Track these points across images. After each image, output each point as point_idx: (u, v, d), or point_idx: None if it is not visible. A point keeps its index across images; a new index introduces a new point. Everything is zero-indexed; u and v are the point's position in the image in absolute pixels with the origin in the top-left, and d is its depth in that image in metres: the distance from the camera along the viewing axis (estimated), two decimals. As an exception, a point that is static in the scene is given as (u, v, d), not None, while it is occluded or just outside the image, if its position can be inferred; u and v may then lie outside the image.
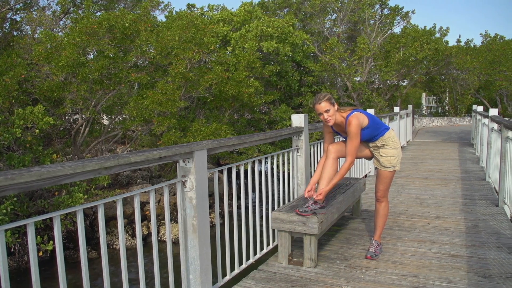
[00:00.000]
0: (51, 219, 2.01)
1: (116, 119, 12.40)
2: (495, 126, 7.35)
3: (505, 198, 5.63)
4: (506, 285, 3.27)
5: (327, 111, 3.59)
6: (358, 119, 3.56)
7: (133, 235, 9.72)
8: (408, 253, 4.05)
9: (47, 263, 7.91)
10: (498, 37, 23.06)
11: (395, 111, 12.67)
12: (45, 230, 7.93)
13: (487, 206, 5.82)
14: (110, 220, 9.88)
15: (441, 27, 20.68)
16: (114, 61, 10.07)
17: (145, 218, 10.23)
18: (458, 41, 25.08)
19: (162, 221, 10.13)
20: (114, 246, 9.53)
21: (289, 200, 4.58)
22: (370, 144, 3.89)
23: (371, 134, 3.76)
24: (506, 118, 10.38)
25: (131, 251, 9.14)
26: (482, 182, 7.55)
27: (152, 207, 2.62)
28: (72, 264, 8.29)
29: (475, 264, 3.72)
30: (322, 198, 3.67)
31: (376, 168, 4.00)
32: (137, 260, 2.55)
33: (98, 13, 14.36)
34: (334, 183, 3.67)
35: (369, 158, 4.04)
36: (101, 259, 2.29)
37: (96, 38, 9.76)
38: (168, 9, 17.81)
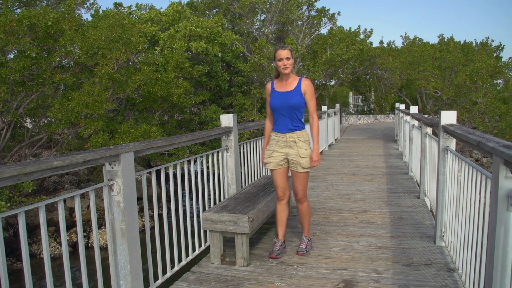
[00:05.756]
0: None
1: (41, 122, 11.82)
2: (416, 123, 7.75)
3: (425, 190, 5.96)
4: (426, 272, 3.48)
5: (288, 58, 3.80)
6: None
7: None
8: (338, 247, 4.19)
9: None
10: (417, 39, 24.25)
11: (323, 110, 13.00)
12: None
13: (410, 199, 6.13)
14: (37, 228, 9.42)
15: (365, 29, 21.47)
16: (36, 61, 9.58)
17: (74, 224, 9.84)
18: (381, 42, 26.13)
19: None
20: (42, 255, 9.09)
21: (220, 200, 4.59)
22: (288, 135, 3.82)
23: (303, 106, 3.83)
24: (425, 116, 10.98)
25: (60, 260, 8.76)
26: (405, 176, 7.94)
27: (78, 212, 2.54)
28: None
29: (399, 254, 3.92)
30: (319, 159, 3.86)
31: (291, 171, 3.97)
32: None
33: (18, 10, 13.62)
34: (317, 140, 3.84)
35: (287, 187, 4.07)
36: (23, 270, 2.18)
37: (16, 36, 9.24)
38: (94, 8, 17.18)
